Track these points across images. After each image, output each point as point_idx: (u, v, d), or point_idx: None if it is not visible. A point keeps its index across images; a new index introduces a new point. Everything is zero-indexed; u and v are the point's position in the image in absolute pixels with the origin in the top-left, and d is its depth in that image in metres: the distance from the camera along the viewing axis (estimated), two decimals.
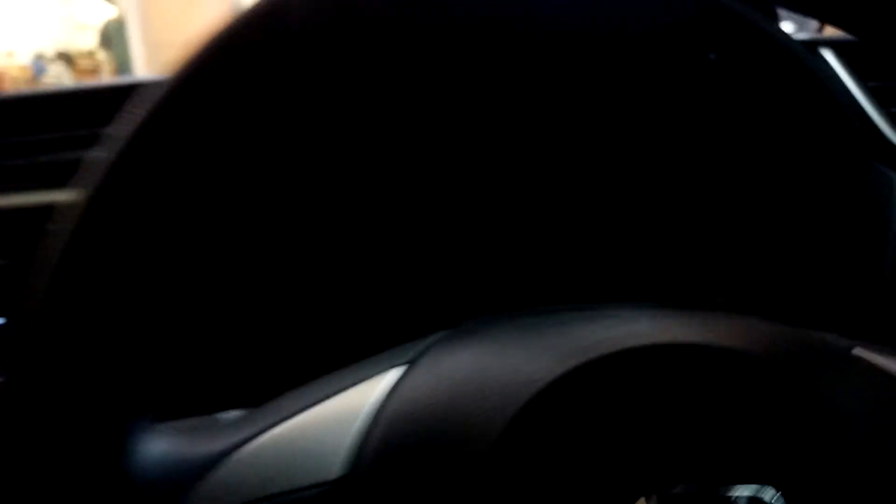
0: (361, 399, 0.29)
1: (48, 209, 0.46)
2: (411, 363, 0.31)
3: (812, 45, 0.53)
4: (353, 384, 0.30)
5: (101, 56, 4.82)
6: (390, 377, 0.30)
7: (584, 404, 0.27)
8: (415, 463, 0.27)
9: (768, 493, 0.25)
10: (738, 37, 0.46)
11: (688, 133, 0.48)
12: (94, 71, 4.77)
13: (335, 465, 0.27)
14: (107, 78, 4.57)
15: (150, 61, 4.08)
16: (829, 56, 0.53)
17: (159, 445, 0.28)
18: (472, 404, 0.27)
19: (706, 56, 0.47)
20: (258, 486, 0.27)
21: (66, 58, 4.89)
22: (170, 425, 0.29)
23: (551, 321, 0.31)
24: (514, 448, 0.26)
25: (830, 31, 0.55)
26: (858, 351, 0.28)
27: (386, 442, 0.27)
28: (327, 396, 0.30)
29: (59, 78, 4.71)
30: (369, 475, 0.27)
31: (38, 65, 4.83)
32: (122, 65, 4.53)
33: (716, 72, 0.47)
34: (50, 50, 4.91)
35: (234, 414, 0.32)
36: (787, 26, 0.51)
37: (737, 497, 0.25)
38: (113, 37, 4.70)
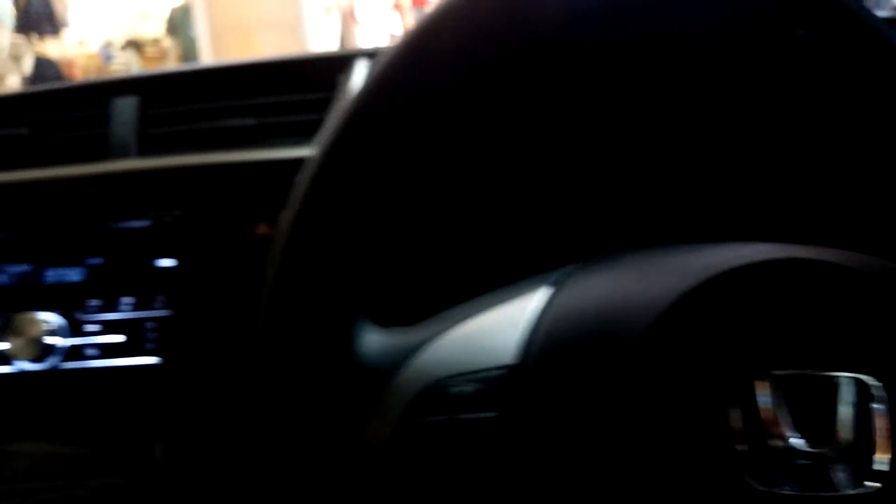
0: (522, 307, 0.37)
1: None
2: (557, 284, 0.38)
3: (892, 23, 0.58)
4: (513, 298, 0.38)
5: (168, 43, 4.99)
6: (543, 292, 0.37)
7: (713, 307, 0.33)
8: (575, 351, 0.34)
9: (868, 380, 0.31)
10: (826, 15, 0.51)
11: (780, 100, 0.54)
12: (161, 58, 4.94)
13: (509, 353, 0.35)
14: (173, 64, 4.75)
15: (216, 48, 4.21)
16: None
17: (374, 338, 0.36)
18: (618, 308, 0.34)
19: (797, 33, 0.52)
20: (451, 366, 0.35)
21: (134, 45, 5.07)
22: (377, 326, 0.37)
23: (676, 251, 0.38)
24: (657, 341, 0.33)
25: None
26: None
27: (550, 337, 0.35)
28: (495, 305, 0.37)
29: (127, 65, 4.89)
30: (538, 361, 0.34)
31: (107, 52, 5.02)
32: (189, 52, 4.68)
33: (806, 47, 0.53)
34: (118, 38, 5.11)
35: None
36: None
37: (839, 380, 0.31)
38: (179, 24, 4.85)
